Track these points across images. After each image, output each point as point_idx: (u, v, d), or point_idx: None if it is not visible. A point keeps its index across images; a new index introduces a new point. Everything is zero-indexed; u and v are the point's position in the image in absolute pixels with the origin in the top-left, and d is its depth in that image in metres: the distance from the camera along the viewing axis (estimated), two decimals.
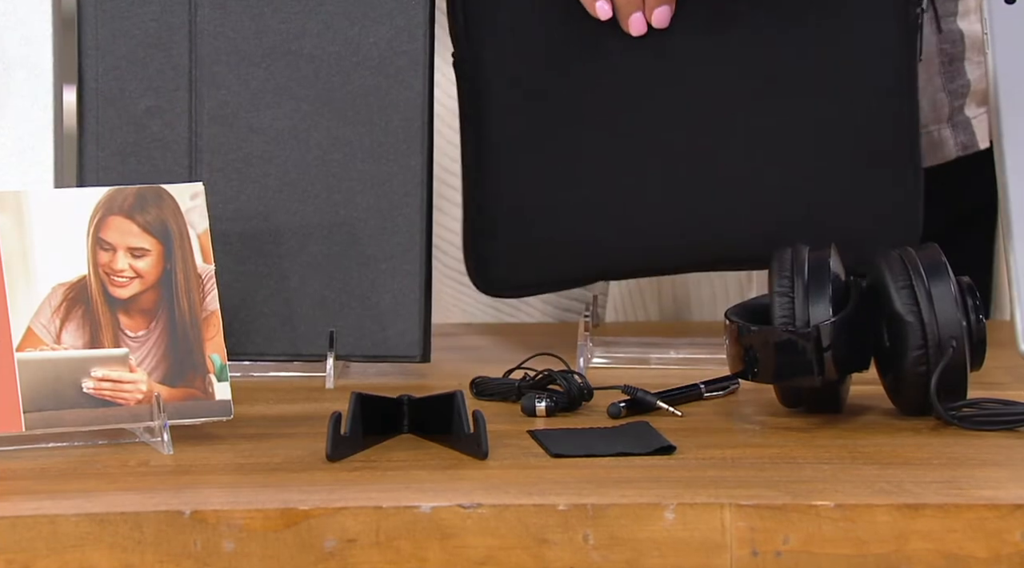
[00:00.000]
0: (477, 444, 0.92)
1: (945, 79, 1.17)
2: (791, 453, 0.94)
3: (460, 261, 1.25)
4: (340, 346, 1.07)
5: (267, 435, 0.96)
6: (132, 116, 1.07)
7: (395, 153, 1.07)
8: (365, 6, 1.07)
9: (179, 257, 0.96)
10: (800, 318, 0.96)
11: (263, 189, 1.07)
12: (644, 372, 1.09)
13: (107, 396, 0.94)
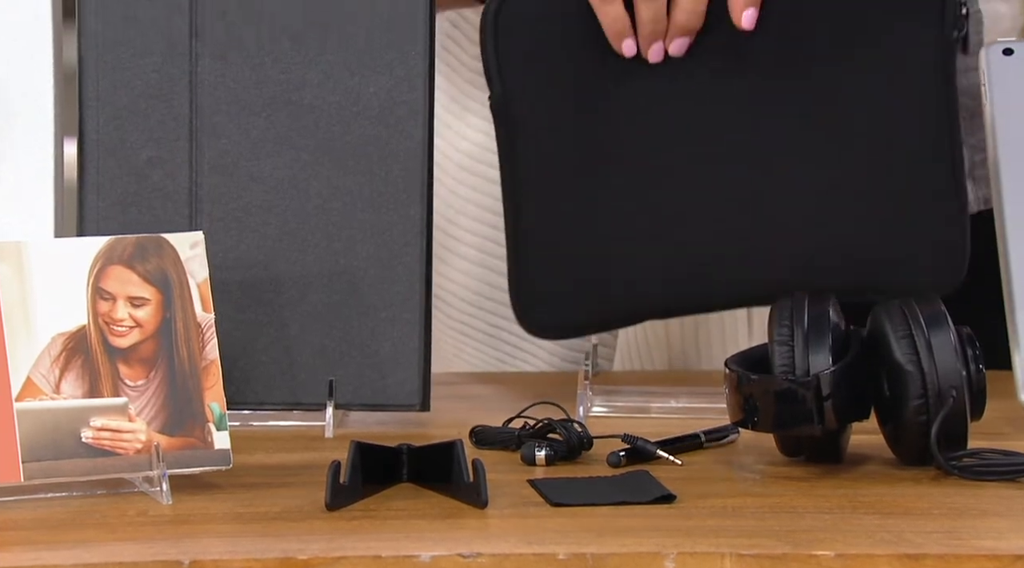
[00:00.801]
0: (477, 493, 0.92)
1: (965, 133, 1.18)
2: (791, 502, 0.94)
3: (462, 312, 1.26)
4: (340, 395, 1.07)
5: (266, 484, 0.96)
6: (133, 166, 1.08)
7: (394, 203, 1.08)
8: (365, 57, 1.07)
9: (179, 306, 0.96)
10: (800, 367, 0.96)
11: (263, 238, 1.08)
12: (644, 421, 1.09)
13: (106, 446, 0.94)
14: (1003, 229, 1.07)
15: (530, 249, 1.09)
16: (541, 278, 1.09)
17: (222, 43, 1.07)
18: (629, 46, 1.07)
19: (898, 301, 0.99)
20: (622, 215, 1.08)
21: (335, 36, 1.07)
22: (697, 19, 1.06)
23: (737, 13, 1.07)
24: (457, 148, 1.23)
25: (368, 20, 1.07)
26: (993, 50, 1.09)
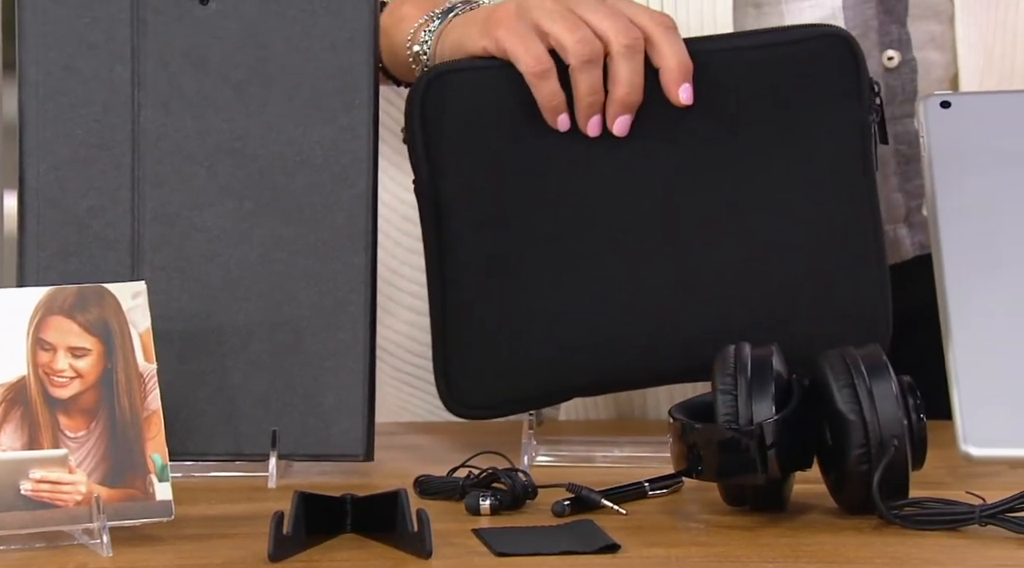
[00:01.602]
0: (421, 543, 0.91)
1: (901, 179, 1.19)
2: (735, 552, 0.94)
3: (405, 362, 1.25)
4: (283, 445, 1.06)
5: (208, 536, 0.95)
6: (74, 216, 1.07)
7: (339, 251, 1.07)
8: (309, 106, 1.07)
9: (120, 356, 0.96)
10: (743, 416, 0.96)
11: (206, 288, 1.07)
12: (589, 470, 1.09)
13: (45, 498, 0.93)
14: (941, 278, 1.08)
15: (457, 328, 1.08)
16: (468, 357, 1.08)
17: (164, 93, 1.07)
18: (564, 121, 1.07)
19: (840, 350, 0.99)
20: (549, 293, 1.08)
21: (279, 86, 1.07)
22: (637, 94, 1.07)
23: (673, 90, 1.07)
24: (401, 199, 1.23)
25: (312, 70, 1.07)
26: (931, 103, 1.10)
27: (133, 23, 1.06)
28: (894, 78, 1.17)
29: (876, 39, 1.16)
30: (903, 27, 1.16)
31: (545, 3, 1.07)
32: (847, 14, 1.15)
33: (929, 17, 1.17)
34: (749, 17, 1.15)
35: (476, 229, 1.08)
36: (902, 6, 1.16)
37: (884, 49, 1.16)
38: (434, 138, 1.08)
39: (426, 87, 1.07)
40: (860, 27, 1.16)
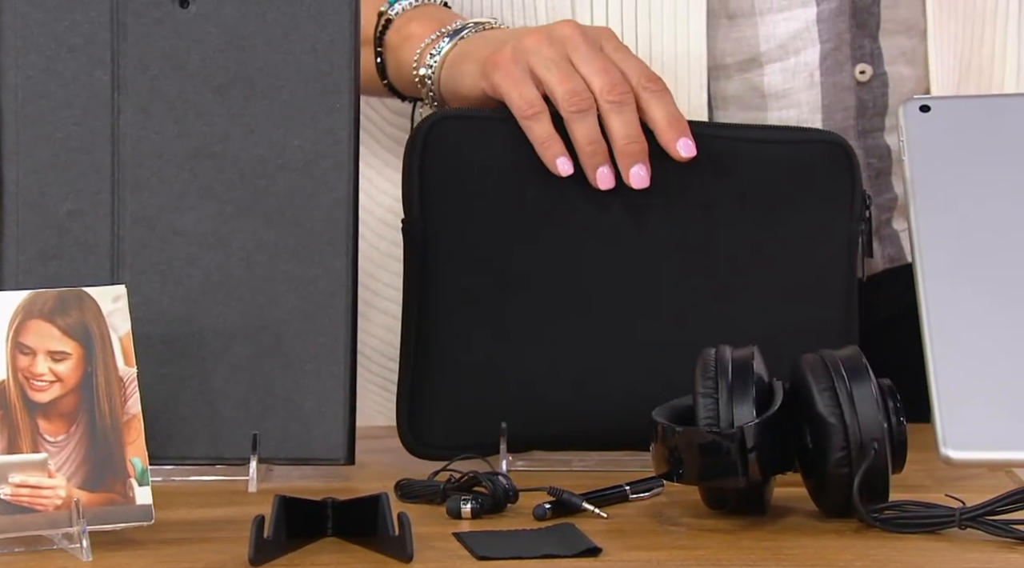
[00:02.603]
0: (402, 547, 0.91)
1: (872, 193, 1.19)
2: (716, 555, 0.94)
3: (383, 366, 1.25)
4: (263, 449, 1.06)
5: (189, 540, 0.95)
6: (53, 219, 1.07)
7: (319, 255, 1.07)
8: (290, 109, 1.07)
9: (100, 360, 0.95)
10: (724, 419, 0.97)
11: (186, 291, 1.07)
12: (569, 474, 1.09)
13: (25, 503, 0.93)
14: (920, 282, 1.08)
15: (427, 366, 1.08)
16: (434, 397, 1.08)
17: (144, 96, 1.07)
18: (564, 164, 1.07)
19: (820, 353, 0.99)
20: (525, 344, 1.08)
21: (259, 89, 1.07)
22: (637, 142, 1.07)
23: (671, 146, 1.07)
24: (378, 203, 1.23)
25: (293, 72, 1.07)
26: (910, 107, 1.10)
27: (113, 26, 1.06)
28: (865, 92, 1.18)
29: (848, 53, 1.16)
30: (875, 41, 1.17)
31: (542, 49, 1.07)
32: (821, 27, 1.16)
33: (901, 32, 1.18)
34: (722, 28, 1.16)
35: (460, 273, 1.09)
36: (874, 20, 1.17)
37: (856, 63, 1.17)
38: (429, 180, 1.08)
39: (428, 129, 1.08)
40: (833, 40, 1.16)
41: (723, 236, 1.10)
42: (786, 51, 1.15)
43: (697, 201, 1.10)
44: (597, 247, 1.10)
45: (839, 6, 1.15)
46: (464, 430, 1.09)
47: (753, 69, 1.16)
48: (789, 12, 1.15)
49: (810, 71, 1.16)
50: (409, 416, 1.10)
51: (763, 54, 1.15)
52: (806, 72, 1.16)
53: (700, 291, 1.10)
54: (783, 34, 1.15)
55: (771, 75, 1.16)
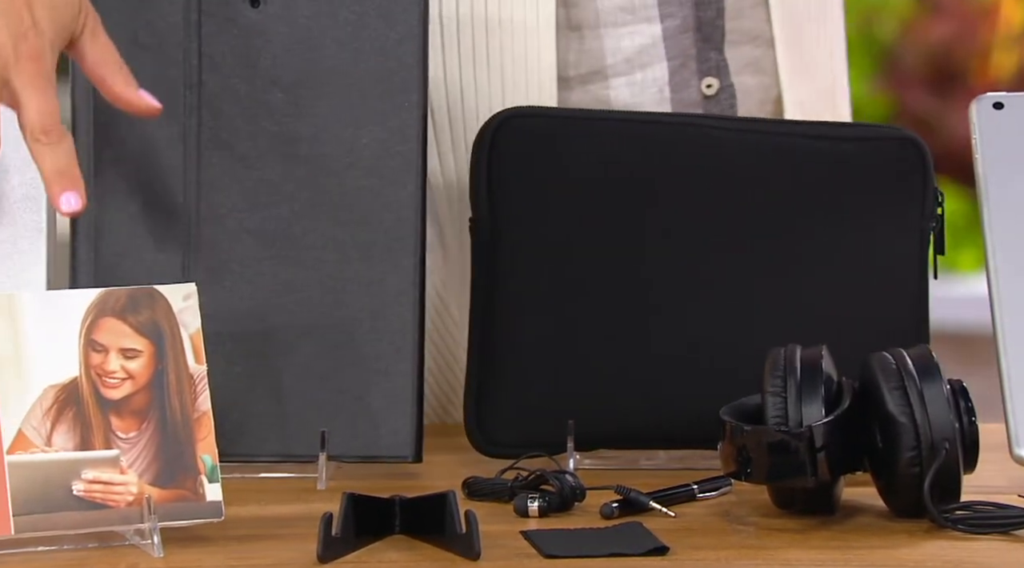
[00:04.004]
0: (469, 545, 0.92)
1: None
2: (785, 555, 0.93)
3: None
4: (332, 446, 1.07)
5: (258, 536, 0.96)
6: (126, 218, 1.07)
7: (388, 253, 1.07)
8: (359, 109, 1.07)
9: (171, 358, 0.96)
10: (793, 418, 0.96)
11: (256, 290, 1.07)
12: (637, 473, 1.08)
13: (97, 498, 0.94)
14: (994, 282, 1.07)
15: (496, 364, 1.09)
16: (503, 395, 1.09)
17: (216, 95, 1.07)
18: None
19: (890, 352, 0.99)
20: (594, 343, 1.08)
21: (329, 88, 1.07)
22: None
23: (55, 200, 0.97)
24: None
25: (362, 72, 1.07)
26: (983, 104, 1.10)
27: (185, 26, 1.07)
28: (713, 105, 1.18)
29: (695, 67, 1.17)
30: (721, 54, 1.17)
31: None
32: (667, 44, 1.16)
33: (746, 42, 1.19)
34: (572, 40, 1.16)
35: (527, 272, 1.09)
36: (719, 34, 1.17)
37: (703, 77, 1.17)
38: (497, 179, 1.08)
39: (496, 127, 1.08)
40: (680, 57, 1.17)
41: (792, 235, 1.10)
42: (632, 66, 1.16)
43: (766, 200, 1.10)
44: (664, 246, 1.10)
45: (683, 23, 1.16)
46: (531, 428, 1.09)
47: (597, 81, 1.17)
48: (634, 27, 1.15)
49: (659, 87, 1.17)
50: (477, 414, 1.10)
51: (609, 67, 1.16)
52: (655, 88, 1.17)
53: (768, 290, 1.10)
54: (629, 48, 1.16)
55: (618, 89, 1.16)
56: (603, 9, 1.14)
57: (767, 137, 1.09)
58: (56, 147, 0.95)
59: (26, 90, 0.95)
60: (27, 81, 0.95)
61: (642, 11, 1.14)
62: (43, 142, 0.95)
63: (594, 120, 1.10)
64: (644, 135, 1.09)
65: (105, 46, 0.99)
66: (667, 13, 1.15)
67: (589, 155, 1.09)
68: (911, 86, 3.00)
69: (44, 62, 0.96)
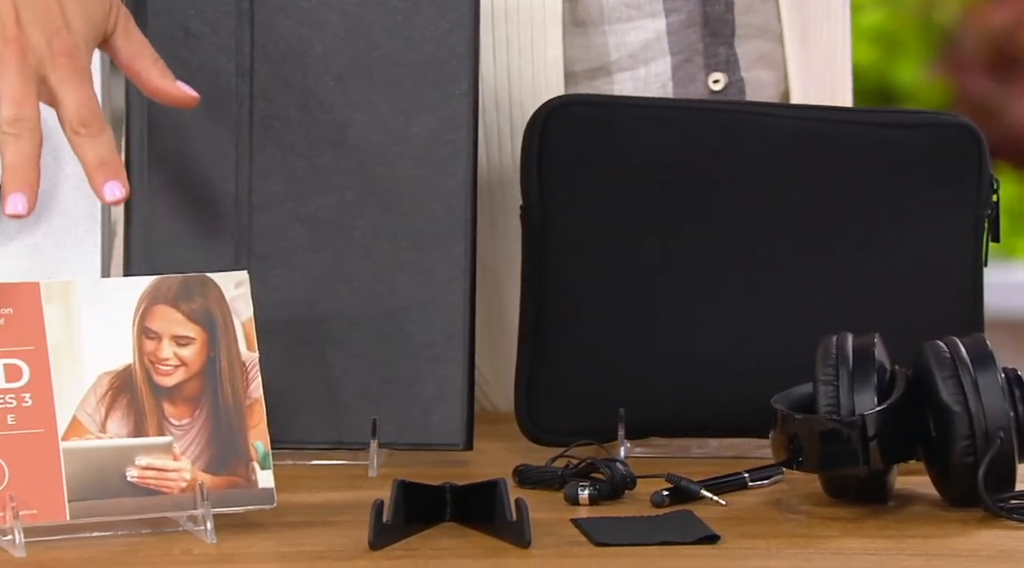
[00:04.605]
0: (520, 532, 0.92)
1: None
2: (836, 544, 0.93)
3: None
4: (383, 434, 1.07)
5: (310, 523, 0.96)
6: (179, 206, 1.08)
7: (439, 241, 1.08)
8: (409, 97, 1.08)
9: (223, 345, 0.97)
10: (845, 407, 0.96)
11: (307, 277, 1.08)
12: (687, 461, 1.08)
13: (151, 485, 0.95)
14: None
15: (546, 353, 1.09)
16: (554, 382, 1.09)
17: (268, 84, 1.08)
18: None
19: (944, 340, 0.98)
20: (644, 330, 1.09)
21: (380, 77, 1.08)
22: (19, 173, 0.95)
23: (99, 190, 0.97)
24: None
25: (413, 60, 1.07)
26: None
27: (238, 15, 1.07)
28: None
29: (701, 62, 1.17)
30: (731, 48, 1.17)
31: None
32: (671, 39, 1.16)
33: (757, 36, 1.19)
34: (576, 36, 1.16)
35: (578, 260, 1.09)
36: (728, 28, 1.17)
37: (710, 72, 1.17)
38: (548, 167, 1.09)
39: (548, 115, 1.09)
40: (685, 52, 1.17)
41: (845, 222, 1.09)
42: (636, 61, 1.16)
43: (818, 188, 1.10)
44: (715, 234, 1.10)
45: (689, 17, 1.16)
46: (582, 416, 1.09)
47: (601, 77, 1.17)
48: (638, 22, 1.16)
49: (662, 82, 1.17)
50: (527, 402, 1.10)
51: (613, 63, 1.16)
52: (658, 83, 1.17)
53: (821, 277, 1.09)
54: (633, 43, 1.16)
55: (621, 84, 1.16)
56: (608, 5, 1.15)
57: (820, 124, 1.09)
58: (96, 138, 0.96)
59: (63, 85, 0.96)
60: (63, 77, 0.96)
61: (647, 6, 1.15)
62: (83, 134, 0.96)
63: (644, 107, 1.10)
64: (694, 122, 1.09)
65: (139, 42, 1.00)
66: (672, 8, 1.15)
67: (639, 142, 1.09)
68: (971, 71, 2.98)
69: (79, 58, 0.97)
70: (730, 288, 1.10)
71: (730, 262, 1.09)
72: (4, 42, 0.96)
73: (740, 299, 1.09)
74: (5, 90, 0.96)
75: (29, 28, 0.96)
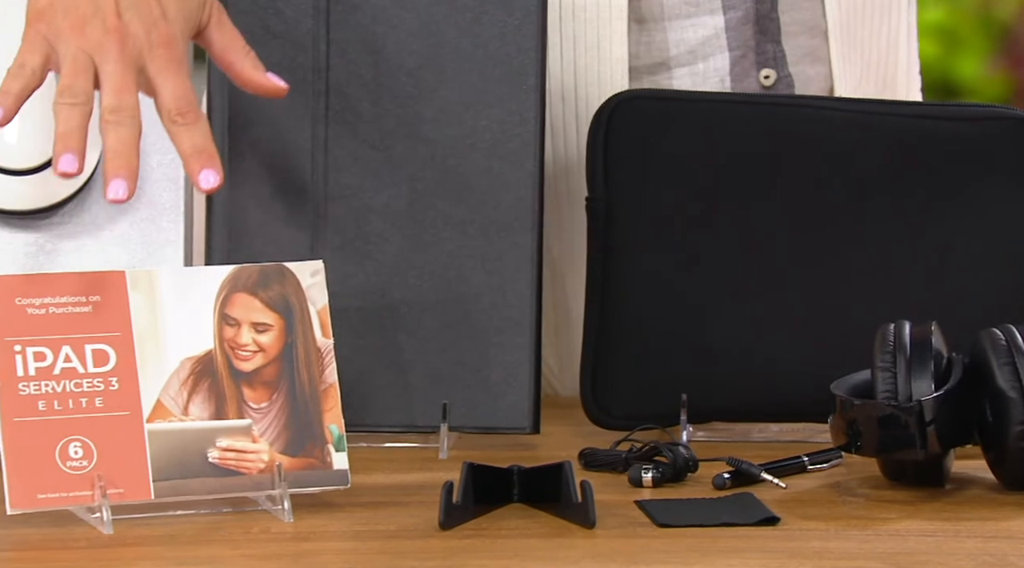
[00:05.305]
0: (585, 513, 0.94)
1: None
2: (895, 525, 0.95)
3: None
4: (453, 418, 1.09)
5: (383, 503, 0.99)
6: (258, 198, 1.11)
7: (507, 231, 1.10)
8: (479, 92, 1.10)
9: (300, 332, 0.99)
10: (903, 393, 0.98)
11: (380, 266, 1.10)
12: (748, 445, 1.10)
13: (231, 465, 0.97)
14: None
15: (611, 340, 1.11)
16: (618, 368, 1.11)
17: (343, 80, 1.10)
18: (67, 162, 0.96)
19: (1000, 328, 1.00)
20: (706, 318, 1.10)
21: (450, 72, 1.10)
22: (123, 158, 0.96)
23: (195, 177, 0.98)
24: None
25: (482, 57, 1.10)
26: None
27: (314, 14, 1.10)
28: None
29: (753, 59, 1.19)
30: (778, 45, 1.19)
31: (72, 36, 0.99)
32: (729, 35, 1.18)
33: (803, 33, 1.20)
34: (634, 32, 1.17)
35: (642, 249, 1.11)
36: (775, 26, 1.19)
37: (760, 68, 1.19)
38: (613, 158, 1.11)
39: (614, 108, 1.11)
40: (741, 48, 1.19)
41: (903, 212, 1.11)
42: (695, 56, 1.18)
43: (878, 179, 1.11)
44: (775, 224, 1.11)
45: (744, 15, 1.18)
46: (646, 401, 1.11)
47: (661, 72, 1.19)
48: (697, 19, 1.17)
49: (720, 77, 1.18)
50: (592, 387, 1.12)
51: (672, 58, 1.18)
52: (716, 78, 1.18)
53: (880, 267, 1.11)
54: (692, 40, 1.18)
55: (680, 79, 1.18)
56: (668, 3, 1.17)
57: (881, 118, 1.10)
58: (192, 127, 0.98)
59: (160, 75, 0.99)
60: (161, 67, 0.98)
61: (706, 4, 1.17)
62: (180, 123, 0.98)
63: (708, 102, 1.12)
64: (754, 116, 1.11)
65: (231, 33, 1.02)
66: (730, 5, 1.17)
67: (700, 135, 1.11)
68: None
69: (176, 48, 0.99)
70: (790, 277, 1.11)
71: (790, 252, 1.11)
72: (105, 32, 0.98)
73: (800, 288, 1.11)
74: (106, 79, 0.98)
75: (129, 19, 0.98)
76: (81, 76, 0.97)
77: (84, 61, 0.98)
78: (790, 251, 1.11)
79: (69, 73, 0.98)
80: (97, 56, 0.98)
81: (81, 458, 0.95)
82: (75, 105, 0.97)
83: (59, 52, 0.98)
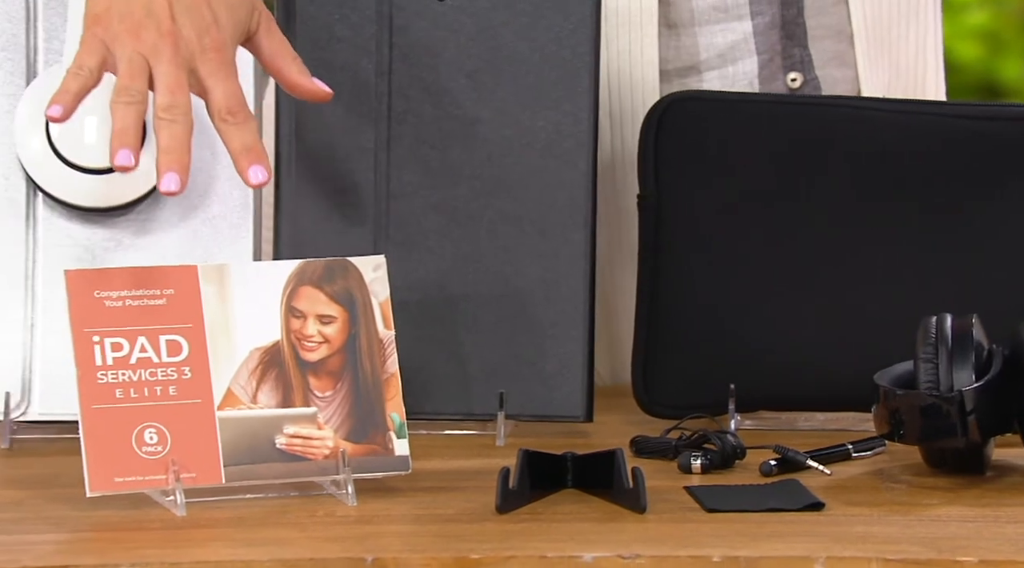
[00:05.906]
0: (636, 499, 0.96)
1: None
2: (936, 511, 0.96)
3: None
4: (509, 406, 1.12)
5: (442, 488, 1.01)
6: (323, 195, 1.13)
7: (561, 228, 1.12)
8: (535, 93, 1.12)
9: (363, 324, 1.02)
10: (944, 383, 1.00)
11: (439, 261, 1.13)
12: (794, 433, 1.12)
13: (298, 451, 1.00)
14: None
15: (662, 332, 1.13)
16: (670, 362, 1.13)
17: (404, 83, 1.13)
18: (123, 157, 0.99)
19: None
20: (753, 312, 1.13)
21: (507, 75, 1.12)
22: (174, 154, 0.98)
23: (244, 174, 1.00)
24: None
25: (538, 60, 1.12)
26: None
27: (378, 19, 1.12)
28: None
29: (780, 63, 1.21)
30: (804, 49, 1.21)
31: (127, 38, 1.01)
32: (757, 39, 1.20)
33: (830, 37, 1.22)
34: (665, 37, 1.19)
35: (691, 245, 1.13)
36: (801, 30, 1.21)
37: (787, 71, 1.21)
38: (664, 157, 1.13)
39: (665, 108, 1.13)
40: (768, 52, 1.21)
41: (947, 210, 1.13)
42: (724, 60, 1.20)
43: (922, 176, 1.13)
44: (820, 220, 1.13)
45: (772, 20, 1.20)
46: (695, 391, 1.14)
47: (691, 75, 1.20)
48: (726, 24, 1.19)
49: (749, 80, 1.20)
50: (644, 377, 1.15)
51: (702, 62, 1.20)
52: (745, 81, 1.20)
53: (923, 262, 1.13)
54: (722, 44, 1.19)
55: (710, 82, 1.20)
56: (698, 8, 1.19)
57: (924, 118, 1.13)
58: (242, 126, 1.01)
59: (211, 77, 1.01)
60: (213, 69, 1.01)
61: (734, 9, 1.19)
62: (229, 122, 1.01)
63: (755, 102, 1.14)
64: (803, 115, 1.13)
65: (279, 41, 1.05)
66: (757, 11, 1.19)
67: (748, 135, 1.13)
68: None
69: (226, 52, 1.02)
70: (834, 271, 1.13)
71: (834, 247, 1.13)
72: (160, 35, 1.01)
73: (844, 282, 1.13)
74: (160, 79, 1.01)
75: (182, 23, 1.01)
76: (137, 77, 1.00)
77: (139, 63, 1.01)
78: (832, 248, 1.13)
79: (125, 74, 1.01)
80: (151, 58, 1.01)
81: (156, 444, 0.98)
82: (131, 104, 1.00)
83: (115, 55, 1.01)
